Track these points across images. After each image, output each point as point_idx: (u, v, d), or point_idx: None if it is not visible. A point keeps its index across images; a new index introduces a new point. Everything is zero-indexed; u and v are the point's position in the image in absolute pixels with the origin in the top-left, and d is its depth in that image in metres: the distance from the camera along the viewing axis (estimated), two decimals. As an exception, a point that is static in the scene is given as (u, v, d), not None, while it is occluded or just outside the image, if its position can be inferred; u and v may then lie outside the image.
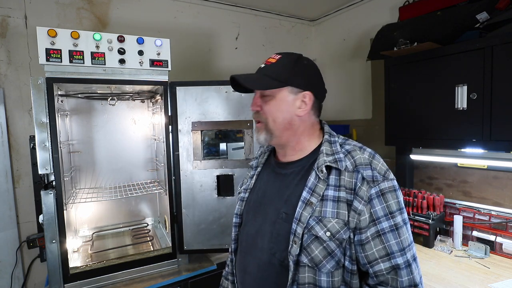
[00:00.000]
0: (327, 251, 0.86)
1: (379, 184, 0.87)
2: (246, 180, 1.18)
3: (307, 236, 0.87)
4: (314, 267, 0.87)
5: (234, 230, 1.12)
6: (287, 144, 1.01)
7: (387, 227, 0.85)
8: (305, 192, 0.91)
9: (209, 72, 2.76)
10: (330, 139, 0.99)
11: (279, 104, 0.96)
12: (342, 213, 0.87)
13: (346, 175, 0.89)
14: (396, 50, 1.93)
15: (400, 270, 0.84)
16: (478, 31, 1.71)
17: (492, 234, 1.82)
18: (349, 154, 0.93)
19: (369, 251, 0.85)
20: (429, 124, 1.88)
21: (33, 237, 1.97)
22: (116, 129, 2.25)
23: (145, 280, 1.71)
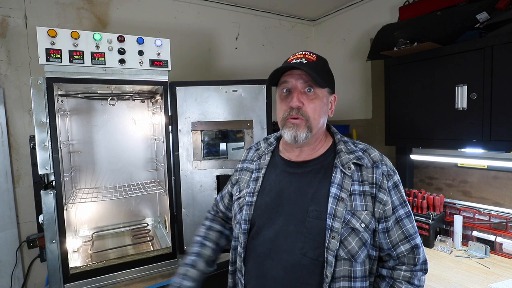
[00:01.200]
0: (362, 242, 0.94)
1: (393, 177, 0.99)
2: (244, 184, 1.12)
3: (344, 230, 0.93)
4: (350, 258, 0.93)
5: (243, 237, 1.03)
6: (312, 143, 1.03)
7: (403, 214, 0.98)
8: (334, 188, 0.96)
9: (209, 72, 2.76)
10: (342, 139, 1.07)
11: (321, 103, 1.00)
12: (369, 205, 0.96)
13: (367, 171, 0.98)
14: (396, 50, 1.93)
15: (417, 249, 0.98)
16: (478, 31, 1.71)
17: (492, 234, 1.82)
18: (365, 152, 1.02)
19: (392, 236, 0.97)
20: (429, 124, 1.88)
21: (33, 237, 1.96)
22: (116, 129, 2.25)
23: (145, 280, 1.71)
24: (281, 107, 1.02)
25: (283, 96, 1.02)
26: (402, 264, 0.99)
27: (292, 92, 0.99)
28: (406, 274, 0.98)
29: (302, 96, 0.98)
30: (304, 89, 0.98)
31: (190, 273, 1.14)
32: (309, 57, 0.99)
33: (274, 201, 1.02)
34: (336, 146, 1.04)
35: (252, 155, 1.19)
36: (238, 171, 1.21)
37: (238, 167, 1.22)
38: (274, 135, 1.20)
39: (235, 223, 1.10)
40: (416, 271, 0.98)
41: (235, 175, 1.22)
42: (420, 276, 0.99)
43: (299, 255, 0.95)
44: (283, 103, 1.02)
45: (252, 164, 1.15)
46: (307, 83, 0.98)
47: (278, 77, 1.03)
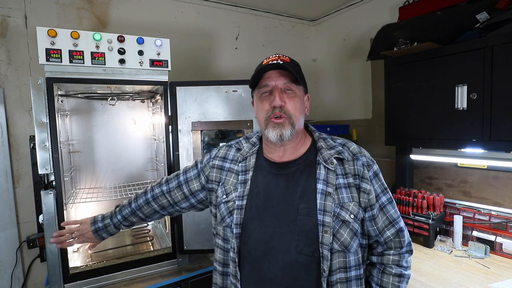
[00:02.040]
0: (353, 232, 0.98)
1: (372, 167, 1.04)
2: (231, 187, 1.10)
3: (335, 223, 0.97)
4: (344, 250, 0.97)
5: (236, 241, 1.02)
6: (294, 141, 1.06)
7: (386, 200, 1.04)
8: (320, 184, 1.00)
9: (209, 72, 2.76)
10: (320, 136, 1.11)
11: (299, 100, 1.04)
12: (355, 196, 1.01)
13: (348, 164, 1.03)
14: (396, 50, 1.93)
15: (402, 232, 1.04)
16: (478, 31, 1.71)
17: (492, 234, 1.82)
18: (345, 146, 1.07)
19: (378, 223, 1.03)
20: (429, 124, 1.88)
21: (33, 237, 1.96)
22: (116, 129, 2.25)
23: (145, 280, 1.71)
24: (262, 107, 1.04)
25: (263, 97, 1.04)
26: (389, 248, 1.05)
27: (273, 92, 1.02)
28: (394, 258, 1.04)
29: (282, 95, 1.01)
30: (284, 88, 1.02)
31: None
32: (284, 59, 1.03)
33: (264, 203, 1.03)
34: (316, 144, 1.08)
35: (234, 154, 1.16)
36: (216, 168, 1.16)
37: (216, 164, 1.16)
38: (255, 134, 1.19)
39: (223, 226, 1.08)
40: (403, 253, 1.04)
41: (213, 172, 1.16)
42: (407, 258, 1.05)
43: (294, 253, 0.97)
44: (264, 103, 1.03)
45: (237, 166, 1.12)
46: (286, 83, 1.02)
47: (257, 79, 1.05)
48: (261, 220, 1.02)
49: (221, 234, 1.10)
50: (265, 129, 1.03)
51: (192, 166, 1.25)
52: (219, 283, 1.11)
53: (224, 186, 1.12)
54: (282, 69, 1.01)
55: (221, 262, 1.10)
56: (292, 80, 1.02)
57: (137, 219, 1.31)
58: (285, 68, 1.00)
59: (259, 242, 1.01)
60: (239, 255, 1.04)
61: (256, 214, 1.03)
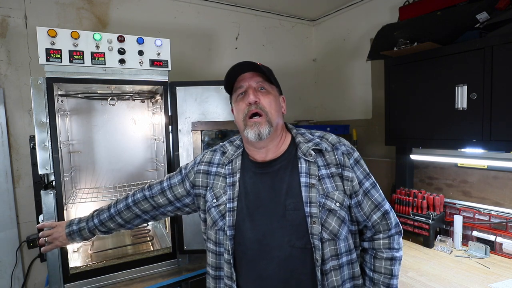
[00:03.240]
0: (341, 220, 1.01)
1: (353, 155, 1.08)
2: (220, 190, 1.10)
3: (322, 213, 0.99)
4: (333, 238, 1.00)
5: (230, 243, 1.03)
6: (274, 139, 1.08)
7: (369, 185, 1.07)
8: (303, 177, 1.03)
9: (209, 72, 2.76)
10: (299, 131, 1.15)
11: (274, 99, 1.08)
12: (339, 185, 1.04)
13: (329, 154, 1.06)
14: (396, 50, 1.93)
15: (388, 214, 1.07)
16: (478, 31, 1.71)
17: (492, 234, 1.82)
18: (323, 138, 1.11)
19: (364, 208, 1.06)
20: (429, 124, 1.88)
21: (33, 237, 1.97)
22: (116, 129, 2.25)
23: (145, 280, 1.71)
24: (239, 108, 1.07)
25: (239, 99, 1.08)
26: (378, 232, 1.07)
27: (247, 91, 1.06)
28: (384, 242, 1.07)
29: (257, 93, 1.05)
30: (257, 87, 1.06)
31: None
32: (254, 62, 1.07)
33: (254, 203, 1.05)
34: (295, 140, 1.11)
35: (219, 158, 1.16)
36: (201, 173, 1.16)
37: (202, 169, 1.17)
38: (238, 137, 1.20)
39: (215, 229, 1.08)
40: (392, 235, 1.07)
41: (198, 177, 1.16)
42: (397, 239, 1.08)
43: (288, 248, 0.99)
44: (240, 103, 1.07)
45: (224, 169, 1.13)
46: (259, 82, 1.07)
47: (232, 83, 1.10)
48: (252, 220, 1.04)
49: (213, 238, 1.10)
50: (244, 130, 1.05)
51: (176, 173, 1.26)
52: (212, 287, 1.12)
53: (213, 191, 1.12)
54: (254, 70, 1.06)
55: (213, 266, 1.10)
56: (265, 79, 1.07)
57: (115, 225, 1.28)
58: (257, 68, 1.05)
59: (253, 241, 1.02)
60: (233, 256, 1.04)
61: (247, 215, 1.04)
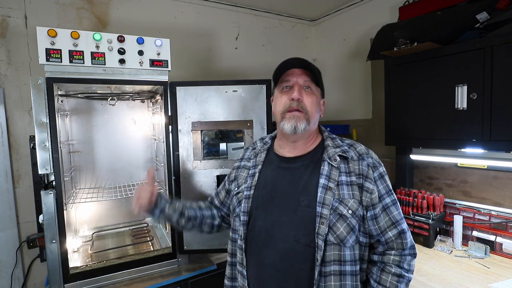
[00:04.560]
0: (350, 227, 1.01)
1: (378, 169, 1.08)
2: (242, 180, 1.20)
3: (332, 216, 1.00)
4: (339, 243, 1.00)
5: (243, 229, 1.10)
6: (306, 137, 1.12)
7: (390, 202, 1.06)
8: (322, 179, 1.04)
9: (209, 72, 2.76)
10: (330, 136, 1.18)
11: (316, 99, 1.12)
12: (356, 194, 1.04)
13: (353, 163, 1.07)
14: (396, 50, 1.93)
15: (404, 233, 1.05)
16: (478, 31, 1.71)
17: (492, 234, 1.82)
18: (352, 147, 1.12)
19: (380, 222, 1.05)
20: (429, 124, 1.88)
21: (33, 237, 1.97)
22: (116, 129, 2.25)
23: (145, 280, 1.71)
24: (281, 100, 1.11)
25: (283, 92, 1.11)
26: (391, 249, 1.06)
27: (293, 87, 1.09)
28: (395, 258, 1.05)
29: (301, 91, 1.09)
30: (304, 85, 1.09)
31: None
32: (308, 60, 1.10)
33: (270, 194, 1.10)
34: (324, 142, 1.14)
35: (249, 154, 1.28)
36: (235, 169, 1.29)
37: (236, 165, 1.30)
38: (269, 135, 1.29)
39: (234, 216, 1.17)
40: (405, 255, 1.05)
41: (233, 173, 1.29)
42: (409, 261, 1.05)
43: (292, 242, 1.02)
44: (283, 97, 1.10)
45: (249, 162, 1.24)
46: (306, 81, 1.10)
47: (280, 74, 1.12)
48: (265, 209, 1.09)
49: (232, 225, 1.18)
50: (280, 122, 1.10)
51: None
52: (228, 274, 1.18)
53: (237, 181, 1.23)
54: (306, 68, 1.09)
55: (230, 253, 1.18)
56: (312, 80, 1.10)
57: (192, 211, 1.27)
58: (308, 67, 1.08)
59: (262, 230, 1.07)
60: (245, 242, 1.10)
61: (262, 204, 1.10)
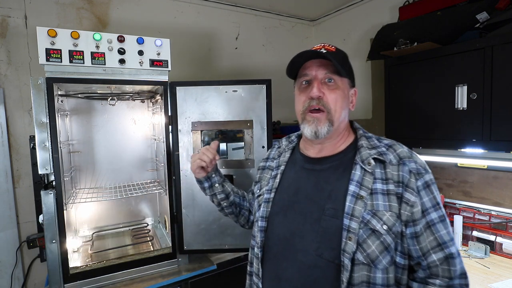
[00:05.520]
0: (384, 246, 0.84)
1: (424, 176, 0.88)
2: (265, 182, 1.11)
3: (362, 231, 0.85)
4: (369, 264, 0.84)
5: (260, 235, 0.99)
6: (333, 138, 0.99)
7: (436, 218, 0.86)
8: (353, 186, 0.89)
9: (209, 72, 2.76)
10: (365, 134, 1.01)
11: (342, 94, 0.95)
12: (393, 206, 0.86)
13: (391, 168, 0.90)
14: (396, 50, 1.93)
15: (453, 259, 0.85)
16: (478, 31, 1.71)
17: (492, 234, 1.82)
18: (391, 148, 0.94)
19: (422, 242, 0.85)
20: (429, 124, 1.88)
21: (33, 237, 1.97)
22: (116, 129, 2.25)
23: (145, 280, 1.71)
24: (300, 99, 0.98)
25: (302, 88, 0.98)
26: (435, 276, 0.86)
27: (312, 82, 0.95)
28: None
29: (322, 86, 0.94)
30: (324, 79, 0.95)
31: None
32: (328, 48, 0.95)
33: (291, 198, 0.99)
34: (357, 142, 0.99)
35: (274, 153, 1.19)
36: (260, 169, 1.20)
37: (261, 166, 1.21)
38: (296, 133, 1.17)
39: (254, 221, 1.08)
40: (454, 285, 0.85)
41: (257, 174, 1.21)
42: None
43: (314, 256, 0.89)
44: (302, 95, 0.98)
45: (273, 162, 1.14)
46: (327, 73, 0.94)
47: (296, 69, 1.00)
48: (285, 215, 0.98)
49: (252, 231, 1.09)
50: (301, 124, 0.98)
51: None
52: (247, 284, 1.10)
53: (260, 183, 1.15)
54: (323, 58, 0.93)
55: (249, 262, 1.09)
56: (334, 71, 0.94)
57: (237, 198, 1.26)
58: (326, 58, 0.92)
59: (281, 238, 0.96)
60: (262, 250, 1.00)
61: (282, 208, 1.00)
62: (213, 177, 1.20)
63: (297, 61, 0.96)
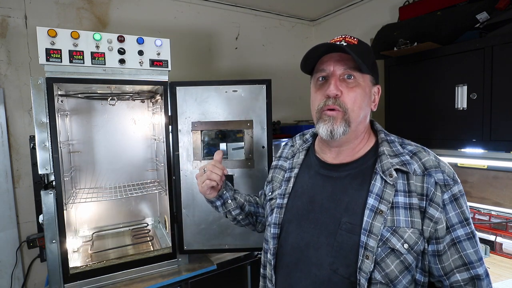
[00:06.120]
0: (405, 265, 0.78)
1: (452, 189, 0.80)
2: (277, 184, 1.05)
3: (381, 250, 0.78)
4: (388, 283, 0.78)
5: (273, 242, 0.95)
6: (351, 141, 0.90)
7: (463, 235, 0.79)
8: (372, 199, 0.82)
9: (209, 72, 2.76)
10: (387, 138, 0.93)
11: (362, 92, 0.86)
12: (416, 221, 0.79)
13: (415, 179, 0.82)
14: (396, 50, 1.93)
15: (480, 280, 0.78)
16: (478, 31, 1.71)
17: (492, 234, 1.82)
18: (415, 156, 0.86)
19: (445, 261, 0.79)
20: (429, 124, 1.88)
21: (33, 237, 1.97)
22: (116, 129, 2.25)
23: (145, 280, 1.71)
24: (316, 97, 0.90)
25: (318, 85, 0.90)
26: None
27: (329, 79, 0.86)
28: None
29: (341, 83, 0.85)
30: (343, 75, 0.86)
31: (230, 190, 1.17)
32: (350, 40, 0.87)
33: (306, 206, 0.93)
34: (378, 147, 0.90)
35: (287, 152, 1.11)
36: (273, 168, 1.13)
37: (273, 164, 1.14)
38: (311, 130, 1.08)
39: (267, 225, 1.03)
40: None
41: (270, 173, 1.14)
42: None
43: (329, 270, 0.84)
44: (318, 93, 0.89)
45: (286, 162, 1.07)
46: (346, 69, 0.85)
47: (313, 63, 0.91)
48: (299, 224, 0.92)
49: (265, 234, 1.04)
50: (316, 124, 0.90)
51: None
52: (261, 286, 1.06)
53: (272, 184, 1.08)
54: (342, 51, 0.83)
55: (262, 264, 1.05)
56: (354, 66, 0.84)
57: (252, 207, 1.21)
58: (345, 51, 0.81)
59: (295, 248, 0.91)
60: (275, 257, 0.95)
61: (296, 216, 0.93)
62: (224, 194, 1.12)
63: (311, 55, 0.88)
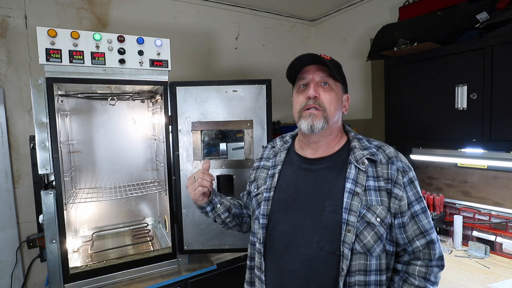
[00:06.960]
0: (378, 236, 0.96)
1: (408, 174, 1.01)
2: (262, 181, 1.17)
3: (359, 224, 0.95)
4: (366, 252, 0.95)
5: (262, 232, 1.07)
6: (327, 137, 1.07)
7: (419, 209, 0.99)
8: (349, 183, 0.99)
9: (209, 72, 2.76)
10: (356, 136, 1.11)
11: (336, 96, 1.06)
12: (384, 200, 0.98)
13: (381, 167, 1.01)
14: (396, 50, 1.93)
15: (433, 244, 0.99)
16: (478, 31, 1.71)
17: (492, 234, 1.82)
18: (380, 149, 1.05)
19: (408, 231, 0.99)
20: (429, 124, 1.88)
21: (33, 237, 1.96)
22: (116, 129, 2.25)
23: (145, 280, 1.71)
24: (298, 99, 1.07)
25: (300, 91, 1.07)
26: (417, 259, 1.00)
27: (309, 84, 1.05)
28: (421, 270, 0.99)
29: (318, 88, 1.04)
30: (320, 82, 1.04)
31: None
32: (325, 56, 1.05)
33: (291, 196, 1.06)
34: (350, 143, 1.08)
35: (268, 153, 1.24)
36: (255, 169, 1.25)
37: (255, 166, 1.26)
38: (290, 133, 1.24)
39: (254, 219, 1.14)
40: (432, 266, 0.99)
41: (252, 174, 1.26)
42: (436, 273, 1.00)
43: (316, 248, 0.98)
44: (299, 96, 1.06)
45: (269, 162, 1.20)
46: (323, 77, 1.04)
47: (295, 74, 1.09)
48: (286, 212, 1.05)
49: (251, 227, 1.16)
50: (298, 121, 1.06)
51: None
52: (247, 278, 1.16)
53: (256, 182, 1.20)
54: (320, 64, 1.04)
55: (249, 257, 1.15)
56: (329, 75, 1.05)
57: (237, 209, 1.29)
58: (322, 62, 1.02)
59: (283, 234, 1.04)
60: (264, 246, 1.06)
61: (283, 207, 1.06)
62: (214, 199, 1.23)
63: (297, 63, 1.06)
